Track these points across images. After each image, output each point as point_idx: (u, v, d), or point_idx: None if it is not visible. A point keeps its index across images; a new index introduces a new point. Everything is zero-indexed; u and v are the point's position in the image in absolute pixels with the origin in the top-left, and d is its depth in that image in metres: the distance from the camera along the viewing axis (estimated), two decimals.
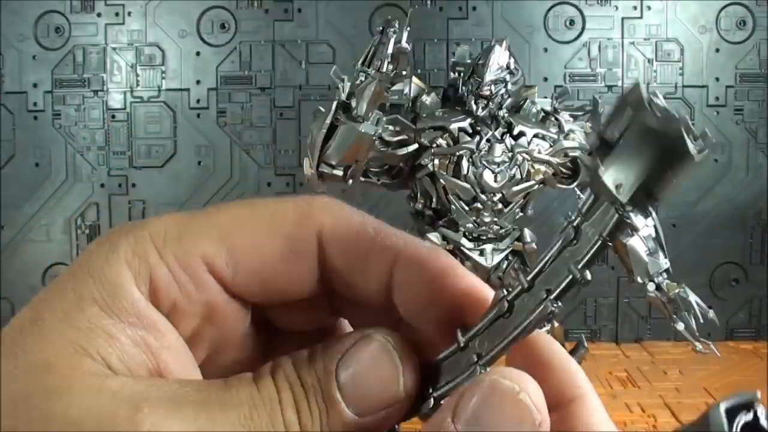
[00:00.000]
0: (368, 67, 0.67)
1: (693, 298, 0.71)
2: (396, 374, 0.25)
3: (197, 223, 0.26)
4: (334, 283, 0.28)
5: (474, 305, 0.27)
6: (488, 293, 0.28)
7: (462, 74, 0.73)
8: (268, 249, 0.26)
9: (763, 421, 0.22)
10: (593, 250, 0.25)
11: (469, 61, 0.73)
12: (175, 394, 0.23)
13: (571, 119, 0.72)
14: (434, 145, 0.70)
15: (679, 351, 1.23)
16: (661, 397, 1.05)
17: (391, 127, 0.71)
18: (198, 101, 1.30)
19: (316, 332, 0.30)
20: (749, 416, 0.22)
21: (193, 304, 0.26)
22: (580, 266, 0.25)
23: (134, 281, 0.24)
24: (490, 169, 0.68)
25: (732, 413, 0.22)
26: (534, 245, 0.72)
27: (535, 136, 0.69)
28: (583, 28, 1.28)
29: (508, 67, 0.68)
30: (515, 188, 0.68)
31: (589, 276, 0.25)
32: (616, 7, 1.28)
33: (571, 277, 0.25)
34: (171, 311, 0.26)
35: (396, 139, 0.72)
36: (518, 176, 0.68)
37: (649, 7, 1.28)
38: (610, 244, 0.25)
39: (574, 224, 0.26)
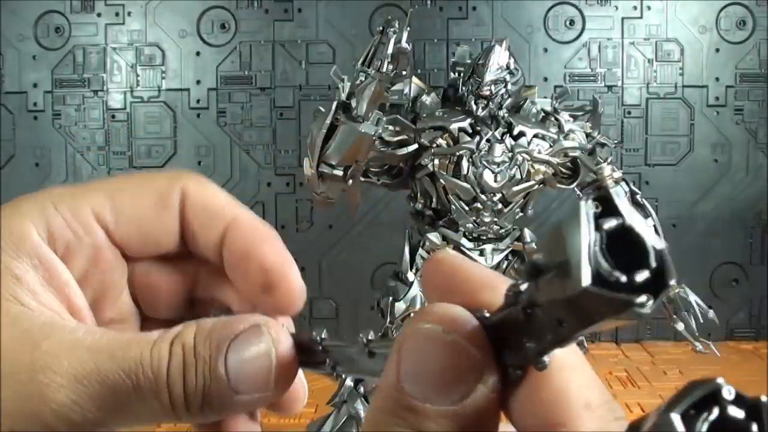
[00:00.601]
0: (368, 67, 0.67)
1: (693, 298, 0.71)
2: (269, 374, 0.29)
3: (88, 187, 0.32)
4: (189, 240, 0.33)
5: (274, 282, 0.32)
6: (289, 273, 0.32)
7: (462, 74, 0.73)
8: (144, 202, 0.32)
9: (733, 412, 0.18)
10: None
11: (469, 61, 0.73)
12: (73, 336, 0.27)
13: (571, 119, 0.71)
14: (434, 145, 0.70)
15: (679, 351, 1.23)
16: (661, 397, 1.05)
17: (391, 127, 0.71)
18: (198, 101, 1.30)
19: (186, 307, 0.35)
20: (714, 415, 0.18)
21: (82, 246, 0.31)
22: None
23: (35, 230, 0.29)
24: (490, 169, 0.67)
25: (691, 416, 0.18)
26: (534, 245, 0.72)
27: (535, 136, 0.69)
28: (583, 28, 1.28)
29: (508, 67, 0.68)
30: (515, 188, 0.68)
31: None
32: (616, 7, 1.28)
33: None
34: (65, 253, 0.30)
35: (396, 139, 0.72)
36: (518, 176, 0.68)
37: (649, 7, 1.28)
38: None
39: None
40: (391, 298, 0.75)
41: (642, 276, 0.18)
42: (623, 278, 0.18)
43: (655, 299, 0.18)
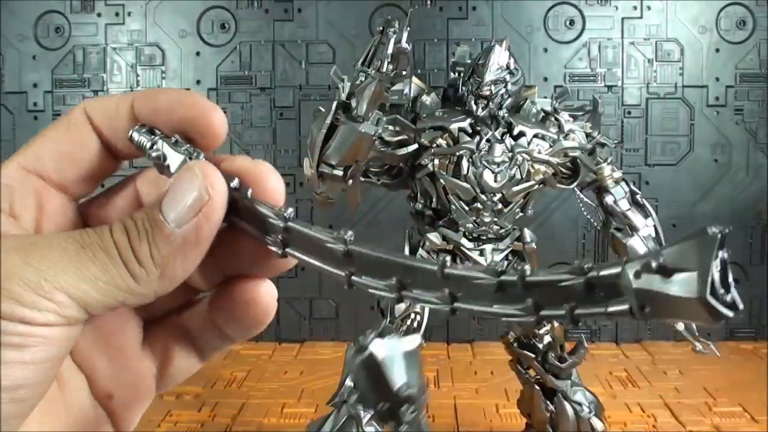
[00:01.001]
0: (368, 67, 0.67)
1: None
2: (198, 183, 0.32)
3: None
4: (110, 147, 0.36)
5: (189, 116, 0.35)
6: (198, 101, 0.35)
7: (462, 74, 0.73)
8: (56, 135, 0.35)
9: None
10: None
11: (469, 61, 0.73)
12: (21, 236, 0.32)
13: (571, 119, 0.71)
14: (434, 145, 0.70)
15: (679, 351, 1.23)
16: (661, 397, 1.05)
17: (391, 127, 0.71)
18: None
19: None
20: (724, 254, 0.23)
21: (23, 197, 0.34)
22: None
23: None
24: (490, 169, 0.67)
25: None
26: (534, 245, 0.71)
27: (535, 136, 0.68)
28: (583, 28, 1.28)
29: (507, 67, 0.68)
30: (515, 188, 0.68)
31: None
32: (616, 7, 1.28)
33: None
34: (11, 211, 0.33)
35: (396, 139, 0.72)
36: (518, 176, 0.68)
37: (649, 7, 1.28)
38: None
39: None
40: None
41: (730, 297, 0.24)
42: (728, 297, 0.24)
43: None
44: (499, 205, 0.69)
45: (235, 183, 0.33)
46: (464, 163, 0.69)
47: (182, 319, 0.38)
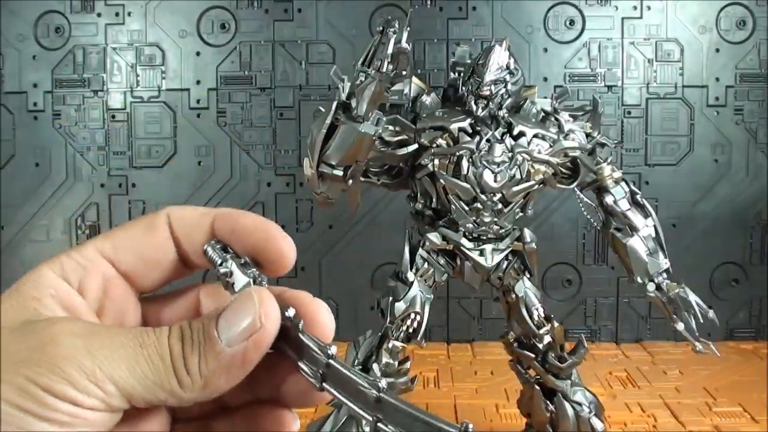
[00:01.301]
0: (368, 67, 0.67)
1: (693, 298, 0.71)
2: (254, 311, 0.34)
3: (92, 239, 0.39)
4: (186, 257, 0.39)
5: (261, 243, 0.38)
6: (272, 229, 0.38)
7: (462, 74, 0.73)
8: (136, 231, 0.38)
9: None
10: None
11: (469, 61, 0.73)
12: (87, 324, 0.34)
13: (571, 119, 0.71)
14: (434, 145, 0.70)
15: (679, 351, 1.23)
16: (661, 397, 1.05)
17: (391, 127, 0.71)
18: (198, 101, 1.30)
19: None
20: None
21: (93, 279, 0.37)
22: None
23: (51, 270, 0.36)
24: (490, 169, 0.67)
25: None
26: (534, 245, 0.71)
27: (535, 136, 0.68)
28: (583, 28, 1.28)
29: (507, 67, 0.68)
30: (515, 188, 0.68)
31: None
32: (616, 7, 1.28)
33: None
34: (79, 288, 0.37)
35: (396, 139, 0.71)
36: (518, 176, 0.68)
37: (649, 7, 1.28)
38: None
39: None
40: (391, 298, 0.75)
41: None
42: None
43: None
44: (499, 205, 0.69)
45: (290, 312, 0.35)
46: (464, 163, 0.69)
47: (208, 426, 0.40)
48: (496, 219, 0.69)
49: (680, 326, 0.70)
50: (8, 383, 0.31)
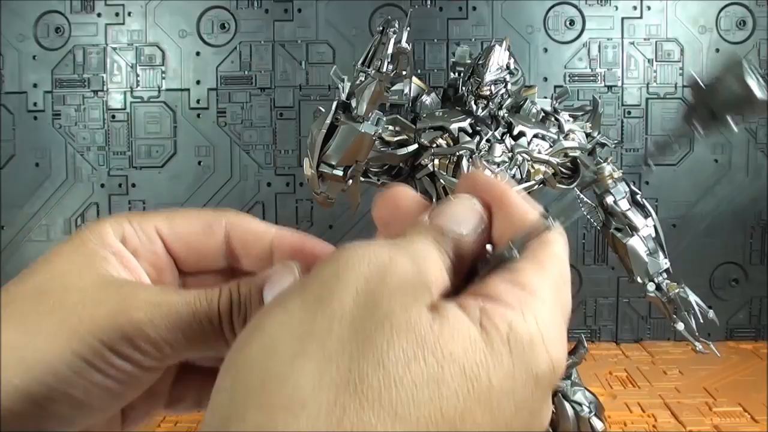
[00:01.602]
0: (368, 67, 0.67)
1: (693, 298, 0.71)
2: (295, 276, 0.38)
3: (155, 212, 0.43)
4: (234, 260, 0.43)
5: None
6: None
7: (462, 74, 0.72)
8: (194, 227, 0.42)
9: None
10: None
11: (469, 60, 0.72)
12: (148, 285, 0.40)
13: (571, 119, 0.71)
14: (434, 145, 0.70)
15: (679, 351, 1.23)
16: (661, 397, 1.05)
17: (391, 127, 0.71)
18: (198, 101, 1.30)
19: None
20: None
21: (146, 252, 0.41)
22: None
23: (112, 232, 0.40)
24: (489, 169, 0.67)
25: None
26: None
27: (535, 136, 0.68)
28: (583, 28, 1.28)
29: (507, 67, 0.68)
30: (515, 188, 0.67)
31: None
32: (616, 7, 1.28)
33: None
34: (134, 253, 0.41)
35: (396, 139, 0.71)
36: (518, 176, 0.68)
37: (649, 7, 1.28)
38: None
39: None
40: None
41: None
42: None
43: None
44: None
45: None
46: (464, 163, 0.69)
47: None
48: None
49: (680, 326, 0.70)
50: (84, 341, 0.36)
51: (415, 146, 0.72)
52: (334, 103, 0.68)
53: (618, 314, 1.31)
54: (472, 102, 0.68)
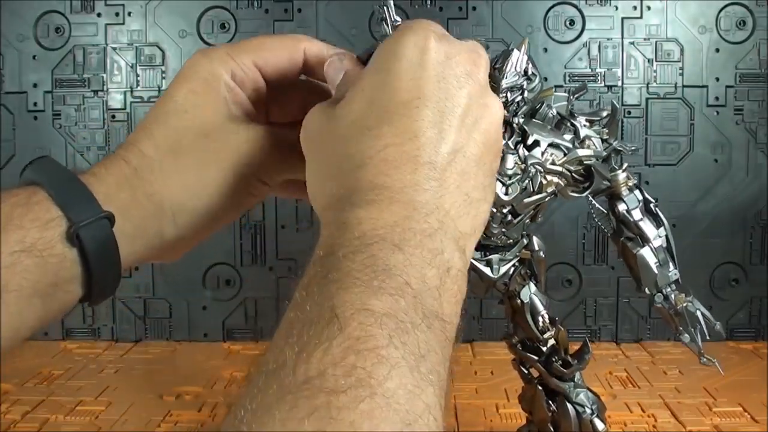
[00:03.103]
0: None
1: (701, 311, 0.69)
2: (342, 65, 0.56)
3: (249, 45, 0.56)
4: (308, 70, 0.59)
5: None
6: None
7: None
8: (282, 57, 0.56)
9: None
10: None
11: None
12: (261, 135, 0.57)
13: (588, 124, 0.68)
14: None
15: (679, 351, 1.24)
16: (661, 397, 1.05)
17: None
18: None
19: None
20: None
21: (249, 81, 0.56)
22: None
23: (224, 72, 0.54)
24: (501, 181, 0.63)
25: None
26: (542, 254, 0.70)
27: (550, 145, 0.65)
28: (583, 28, 1.28)
29: (525, 73, 0.66)
30: (526, 200, 0.65)
31: None
32: (616, 7, 1.28)
33: None
34: (240, 84, 0.55)
35: None
36: (530, 189, 0.64)
37: (649, 7, 1.28)
38: None
39: None
40: None
41: None
42: None
43: None
44: (509, 217, 0.65)
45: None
46: None
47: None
48: (504, 230, 0.66)
49: (686, 338, 0.69)
50: (237, 174, 0.54)
51: None
52: None
53: (618, 314, 1.31)
54: None
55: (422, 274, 0.39)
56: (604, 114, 0.70)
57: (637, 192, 0.71)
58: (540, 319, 0.72)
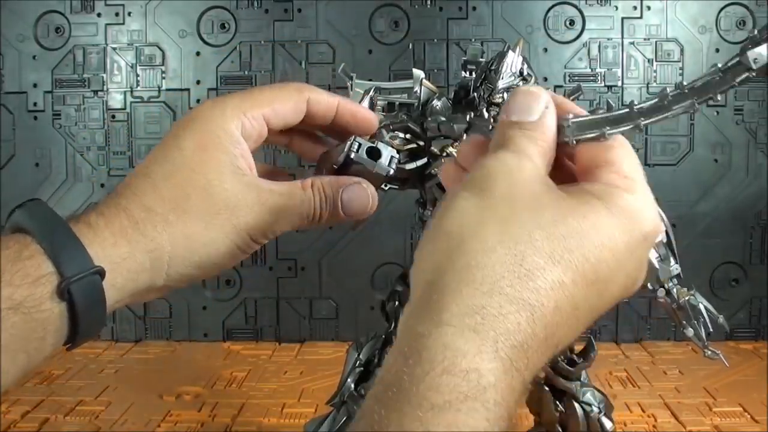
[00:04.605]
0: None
1: (703, 305, 0.69)
2: (368, 201, 0.59)
3: (255, 96, 0.57)
4: (308, 121, 0.60)
5: (359, 116, 0.62)
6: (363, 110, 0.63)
7: (473, 74, 0.71)
8: (288, 109, 0.57)
9: None
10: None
11: (481, 59, 0.71)
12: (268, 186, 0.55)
13: None
14: (444, 154, 0.69)
15: (679, 351, 1.24)
16: (661, 397, 1.05)
17: (402, 135, 0.70)
18: (198, 101, 1.30)
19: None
20: None
21: (256, 135, 0.56)
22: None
23: (237, 130, 0.54)
24: None
25: None
26: None
27: None
28: (583, 28, 1.28)
29: (521, 73, 0.67)
30: None
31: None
32: (616, 7, 1.28)
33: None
34: (246, 138, 0.55)
35: (407, 147, 0.70)
36: None
37: (649, 7, 1.28)
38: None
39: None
40: (397, 303, 0.74)
41: None
42: None
43: None
44: None
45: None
46: None
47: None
48: None
49: (689, 332, 0.69)
50: (240, 236, 0.54)
51: (425, 160, 0.70)
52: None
53: (618, 314, 1.31)
54: (484, 109, 0.67)
55: None
56: (600, 112, 0.71)
57: None
58: None
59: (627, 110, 0.46)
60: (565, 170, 0.48)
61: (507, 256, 0.38)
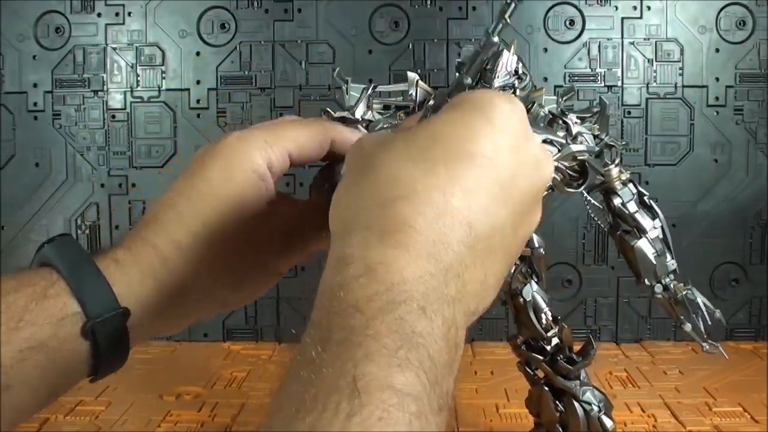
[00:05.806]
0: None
1: (700, 299, 0.70)
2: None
3: (281, 132, 0.57)
4: (333, 155, 0.61)
5: None
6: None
7: (468, 75, 0.71)
8: (313, 148, 0.58)
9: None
10: None
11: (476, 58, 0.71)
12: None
13: (579, 121, 0.69)
14: None
15: (679, 351, 1.24)
16: (661, 397, 1.05)
17: None
18: (198, 101, 1.30)
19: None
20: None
21: (279, 168, 0.57)
22: None
23: (262, 161, 0.55)
24: None
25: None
26: (542, 251, 0.70)
27: (544, 141, 0.66)
28: (582, 28, 1.29)
29: (516, 73, 0.67)
30: None
31: None
32: (616, 7, 1.28)
33: None
34: (270, 167, 0.56)
35: None
36: None
37: (648, 7, 1.28)
38: None
39: None
40: None
41: None
42: None
43: None
44: None
45: None
46: None
47: None
48: None
49: (688, 327, 0.70)
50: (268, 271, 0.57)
51: None
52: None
53: (618, 314, 1.31)
54: None
55: (440, 347, 0.38)
56: (594, 110, 0.71)
57: (630, 185, 0.72)
58: (543, 316, 0.72)
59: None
60: None
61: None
